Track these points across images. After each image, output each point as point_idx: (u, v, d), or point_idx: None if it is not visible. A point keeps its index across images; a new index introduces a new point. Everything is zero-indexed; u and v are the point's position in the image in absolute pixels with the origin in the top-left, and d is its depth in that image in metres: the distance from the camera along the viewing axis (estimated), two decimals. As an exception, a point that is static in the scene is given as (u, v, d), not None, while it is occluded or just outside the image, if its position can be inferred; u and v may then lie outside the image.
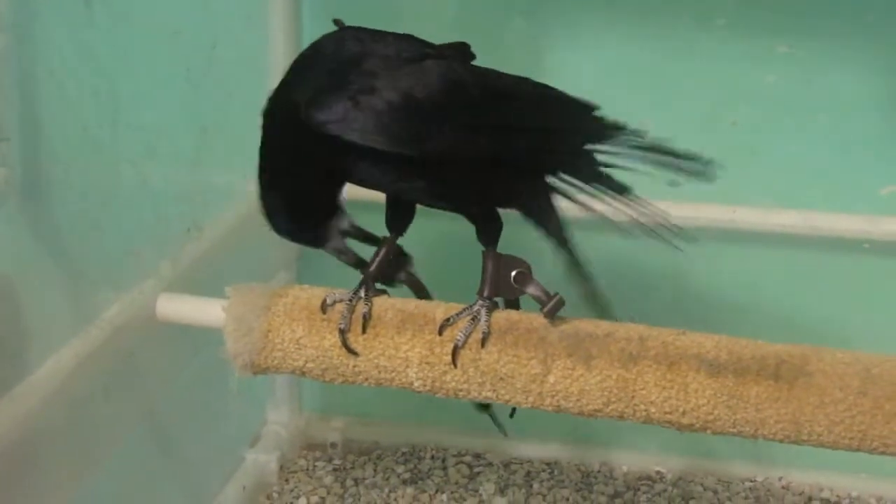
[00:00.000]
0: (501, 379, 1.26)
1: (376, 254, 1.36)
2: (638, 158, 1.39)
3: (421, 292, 1.40)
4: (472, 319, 1.28)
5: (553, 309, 1.27)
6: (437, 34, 1.33)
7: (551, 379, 1.25)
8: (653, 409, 1.24)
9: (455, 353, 1.27)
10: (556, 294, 1.28)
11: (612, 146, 1.39)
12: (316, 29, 1.84)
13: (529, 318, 1.29)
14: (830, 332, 1.80)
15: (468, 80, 1.29)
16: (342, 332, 1.29)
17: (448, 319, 1.29)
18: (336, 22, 1.34)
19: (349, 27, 1.32)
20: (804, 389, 1.22)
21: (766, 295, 1.90)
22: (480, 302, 1.29)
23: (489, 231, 1.33)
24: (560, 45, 1.86)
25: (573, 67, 1.86)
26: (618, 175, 1.40)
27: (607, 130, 1.38)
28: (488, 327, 1.27)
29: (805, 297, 1.89)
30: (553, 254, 1.37)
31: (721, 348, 1.25)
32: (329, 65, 1.26)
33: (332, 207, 1.32)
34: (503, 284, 1.31)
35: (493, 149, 1.29)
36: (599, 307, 1.38)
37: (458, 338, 1.27)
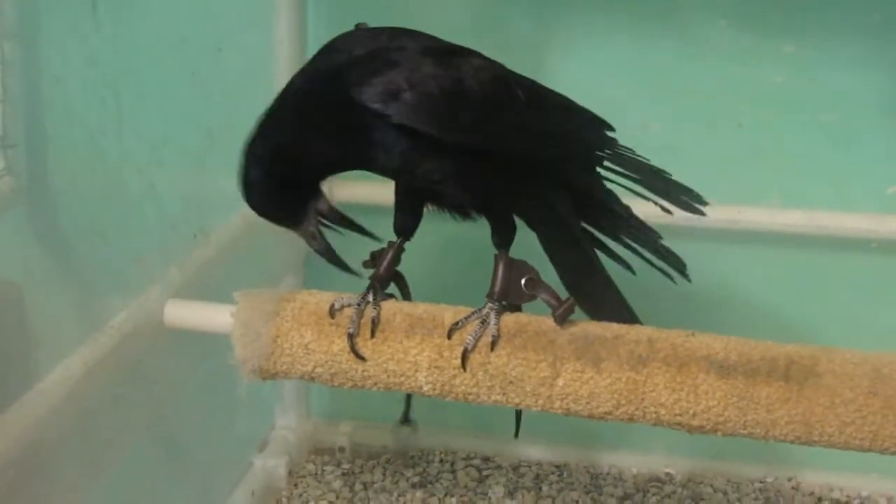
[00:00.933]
0: (511, 382, 1.26)
1: (383, 257, 1.36)
2: (637, 181, 1.40)
3: (403, 289, 1.40)
4: (482, 323, 1.28)
5: (564, 313, 1.27)
6: (444, 36, 1.32)
7: (561, 382, 1.25)
8: (663, 412, 1.24)
9: (465, 356, 1.27)
10: (568, 298, 1.28)
11: (618, 167, 1.39)
12: (321, 33, 1.86)
13: (538, 320, 1.29)
14: (839, 332, 1.79)
15: (513, 80, 1.31)
16: (351, 337, 1.29)
17: (457, 323, 1.28)
18: (359, 26, 1.34)
19: (374, 27, 1.32)
20: (814, 390, 1.22)
21: (774, 295, 1.90)
22: (490, 305, 1.29)
23: (504, 234, 1.33)
24: (565, 47, 1.86)
25: (578, 70, 1.86)
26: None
27: (618, 150, 1.39)
28: (498, 331, 1.27)
29: (812, 297, 1.89)
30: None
31: (731, 350, 1.25)
32: (372, 51, 1.25)
33: (314, 190, 1.30)
34: (513, 289, 1.31)
35: (530, 151, 1.30)
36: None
37: (468, 341, 1.27)
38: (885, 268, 1.85)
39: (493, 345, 1.27)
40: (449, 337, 1.28)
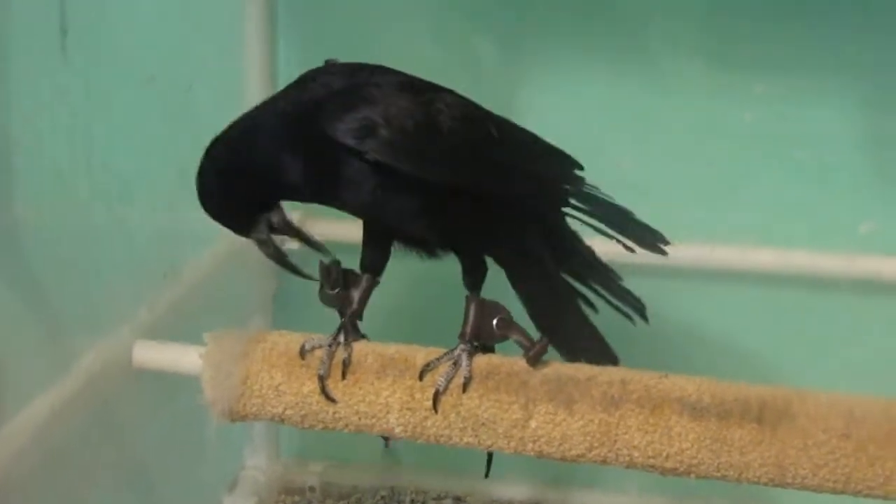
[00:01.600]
0: (483, 424, 1.25)
1: (352, 296, 1.34)
2: (601, 220, 1.39)
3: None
4: (454, 364, 1.27)
5: (536, 354, 1.26)
6: (415, 73, 1.31)
7: (533, 424, 1.24)
8: (636, 454, 1.23)
9: (436, 398, 1.25)
10: (541, 339, 1.27)
11: (583, 204, 1.38)
12: (292, 70, 1.84)
13: (511, 362, 1.28)
14: (810, 372, 1.79)
15: (486, 117, 1.30)
16: (321, 379, 1.27)
17: (428, 364, 1.27)
18: (329, 62, 1.33)
19: (347, 63, 1.32)
20: (788, 432, 1.21)
21: (745, 334, 1.89)
22: (462, 346, 1.28)
23: (475, 274, 1.32)
24: (536, 84, 1.86)
25: (550, 107, 1.86)
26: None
27: (584, 190, 1.38)
28: (470, 372, 1.26)
29: (784, 336, 1.88)
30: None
31: (703, 391, 1.24)
32: (347, 86, 1.25)
33: (270, 205, 1.29)
34: (485, 329, 1.30)
35: (504, 189, 1.30)
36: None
37: (440, 383, 1.26)
38: (857, 307, 1.84)
39: (465, 386, 1.26)
40: (420, 378, 1.27)
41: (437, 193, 1.25)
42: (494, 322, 1.30)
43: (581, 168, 1.39)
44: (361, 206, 1.27)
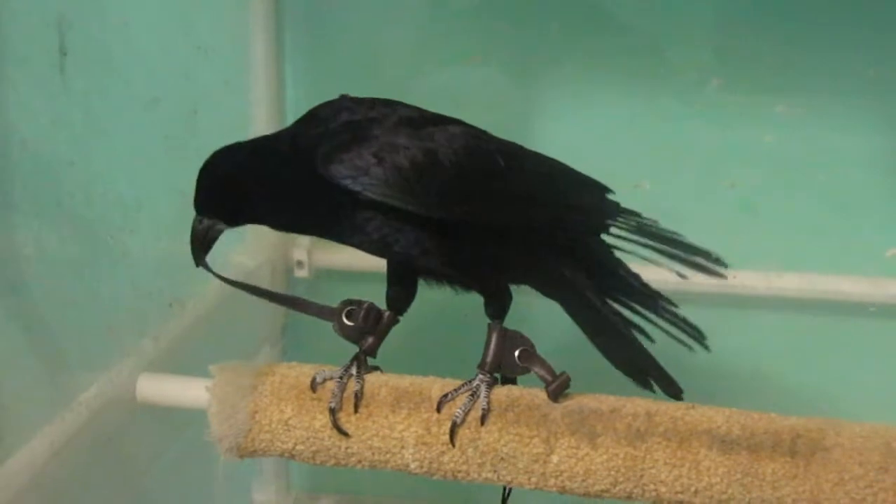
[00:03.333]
0: (503, 459, 1.21)
1: (372, 330, 1.30)
2: (648, 247, 1.35)
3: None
4: (472, 395, 1.23)
5: (558, 389, 1.22)
6: (425, 102, 1.29)
7: (555, 458, 1.20)
8: (663, 489, 1.19)
9: (453, 431, 1.21)
10: (563, 373, 1.23)
11: (623, 231, 1.34)
12: (299, 94, 1.83)
13: (531, 394, 1.24)
14: (839, 399, 1.76)
15: (493, 148, 1.26)
16: (332, 412, 1.23)
17: (446, 395, 1.23)
18: (343, 97, 1.30)
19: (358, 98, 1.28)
20: (822, 466, 1.16)
21: (771, 362, 1.85)
22: (481, 377, 1.24)
23: (497, 303, 1.28)
24: (554, 107, 1.84)
25: (569, 130, 1.83)
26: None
27: (620, 214, 1.35)
28: (488, 404, 1.22)
29: (811, 364, 1.85)
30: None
31: (733, 423, 1.20)
32: (346, 123, 1.22)
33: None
34: (506, 361, 1.26)
35: (514, 220, 1.26)
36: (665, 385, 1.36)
37: (457, 415, 1.22)
38: (885, 332, 1.80)
39: (483, 419, 1.21)
40: (438, 410, 1.22)
41: (441, 227, 1.22)
42: (517, 353, 1.26)
43: (610, 192, 1.35)
44: (370, 245, 1.24)
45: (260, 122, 1.78)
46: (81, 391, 1.35)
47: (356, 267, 1.49)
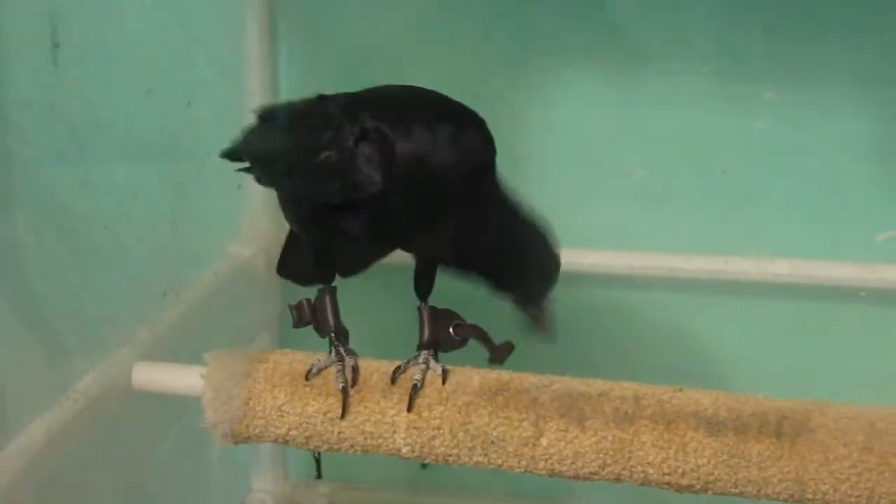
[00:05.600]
0: (493, 443, 1.22)
1: (324, 310, 1.32)
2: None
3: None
4: (424, 365, 1.26)
5: (502, 352, 1.26)
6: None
7: (544, 441, 1.21)
8: (651, 471, 1.20)
9: (412, 396, 1.23)
10: (507, 342, 1.26)
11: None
12: (293, 85, 1.83)
13: (520, 378, 1.25)
14: (829, 384, 1.75)
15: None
16: (345, 392, 1.24)
17: (398, 368, 1.25)
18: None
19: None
20: (807, 446, 1.17)
21: (761, 347, 1.86)
22: (424, 353, 1.27)
23: (429, 285, 1.31)
24: (545, 95, 1.84)
25: (559, 117, 1.83)
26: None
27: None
28: (442, 367, 1.25)
29: (801, 348, 1.85)
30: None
31: (720, 405, 1.21)
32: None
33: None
34: (444, 336, 1.28)
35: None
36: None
37: (416, 379, 1.24)
38: (875, 317, 1.81)
39: (443, 378, 1.24)
40: (393, 382, 1.24)
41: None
42: (451, 328, 1.28)
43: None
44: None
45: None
46: (78, 379, 1.35)
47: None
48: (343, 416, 1.24)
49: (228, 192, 1.72)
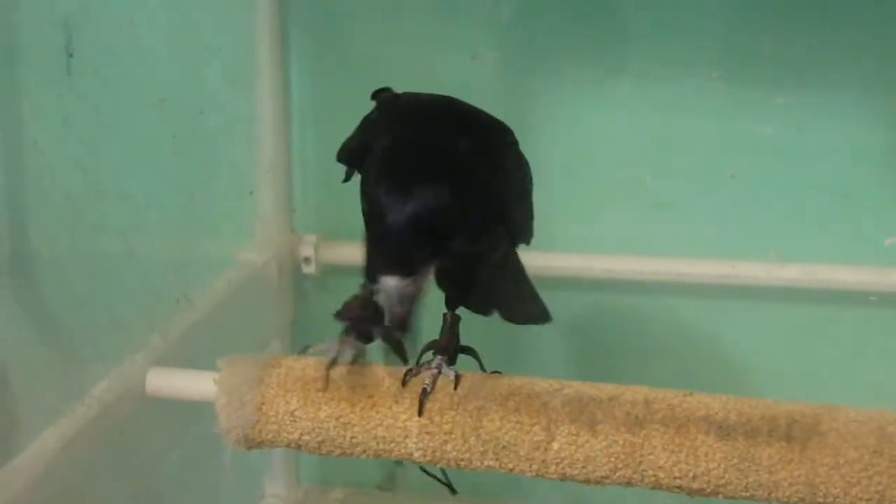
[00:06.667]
0: (504, 447, 1.22)
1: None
2: None
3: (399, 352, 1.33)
4: (437, 370, 1.26)
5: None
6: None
7: (555, 446, 1.21)
8: (662, 475, 1.20)
9: (422, 399, 1.24)
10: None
11: None
12: (305, 94, 1.84)
13: (531, 382, 1.25)
14: (839, 389, 1.77)
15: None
16: (333, 363, 1.26)
17: (410, 370, 1.26)
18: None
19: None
20: (818, 450, 1.18)
21: (771, 351, 1.86)
22: (440, 357, 1.27)
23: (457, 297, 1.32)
24: (556, 102, 1.84)
25: (571, 125, 1.83)
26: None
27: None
28: (455, 373, 1.25)
29: (811, 353, 1.86)
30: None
31: (730, 409, 1.21)
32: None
33: None
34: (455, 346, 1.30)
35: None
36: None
37: (426, 384, 1.24)
38: (884, 321, 1.82)
39: (455, 383, 1.24)
40: (403, 385, 1.25)
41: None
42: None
43: None
44: None
45: (266, 121, 1.79)
46: (92, 385, 1.36)
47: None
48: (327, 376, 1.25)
49: (240, 200, 1.73)
